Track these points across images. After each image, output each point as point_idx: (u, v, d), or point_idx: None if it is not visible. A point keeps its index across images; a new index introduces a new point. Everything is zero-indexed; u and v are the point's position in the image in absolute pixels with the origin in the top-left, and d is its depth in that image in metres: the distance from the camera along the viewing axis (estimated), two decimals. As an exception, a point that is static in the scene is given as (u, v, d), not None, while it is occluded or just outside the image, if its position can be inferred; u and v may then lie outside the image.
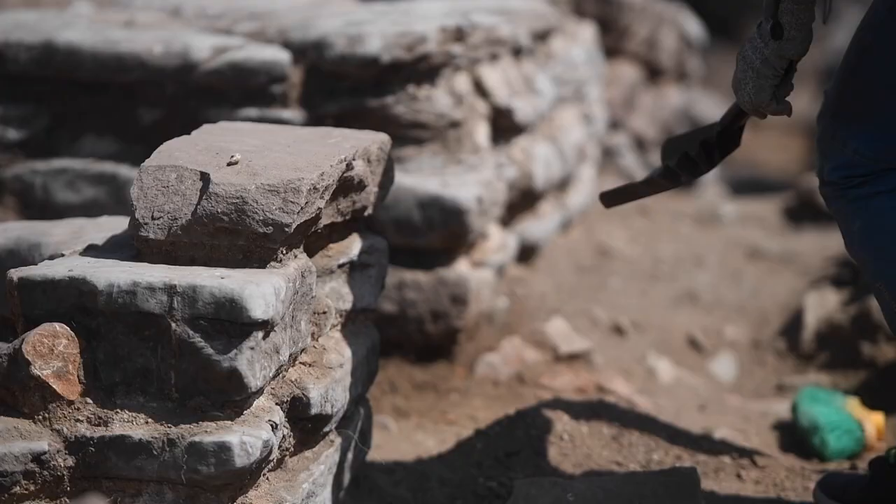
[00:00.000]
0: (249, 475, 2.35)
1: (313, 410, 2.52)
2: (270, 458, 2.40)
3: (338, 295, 2.74)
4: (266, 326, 2.33)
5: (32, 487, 2.32)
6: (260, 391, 2.38)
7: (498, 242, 4.02)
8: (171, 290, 2.30)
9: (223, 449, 2.29)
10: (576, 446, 3.13)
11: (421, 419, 3.51)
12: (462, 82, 3.92)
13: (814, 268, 4.57)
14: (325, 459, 2.61)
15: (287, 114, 3.71)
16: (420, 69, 3.77)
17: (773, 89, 2.66)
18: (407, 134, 3.77)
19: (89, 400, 2.34)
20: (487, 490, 2.93)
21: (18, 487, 2.31)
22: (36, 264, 2.44)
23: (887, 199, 2.64)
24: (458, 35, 3.87)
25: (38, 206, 3.82)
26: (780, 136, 9.08)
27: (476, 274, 3.84)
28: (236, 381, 2.31)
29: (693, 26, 6.57)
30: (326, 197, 2.52)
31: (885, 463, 2.82)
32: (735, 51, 9.73)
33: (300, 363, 2.58)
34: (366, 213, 2.81)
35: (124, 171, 3.79)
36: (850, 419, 3.39)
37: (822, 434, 3.35)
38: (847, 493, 2.86)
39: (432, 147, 3.82)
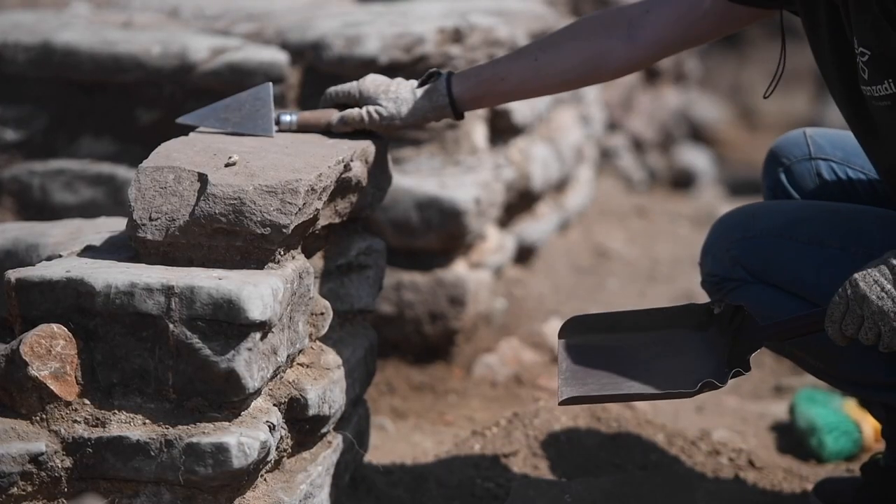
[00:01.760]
0: (247, 476, 2.35)
1: (311, 411, 2.52)
2: (268, 459, 2.40)
3: (336, 296, 2.74)
4: (264, 327, 2.33)
5: (30, 488, 2.32)
6: (257, 392, 2.38)
7: (496, 243, 4.03)
8: (168, 290, 2.30)
9: (221, 450, 2.29)
10: (573, 447, 3.13)
11: (419, 420, 3.51)
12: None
13: (811, 269, 4.57)
14: (322, 460, 2.61)
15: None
16: (418, 70, 3.77)
17: None
18: (405, 135, 3.77)
19: (87, 401, 2.34)
20: (485, 491, 2.93)
21: (16, 488, 2.31)
22: (34, 265, 2.43)
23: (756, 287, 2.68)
24: (456, 36, 3.87)
25: (35, 207, 3.82)
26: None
27: (474, 275, 3.84)
28: (234, 382, 2.31)
29: (691, 27, 6.56)
30: (324, 198, 2.52)
31: (875, 467, 2.82)
32: (733, 51, 9.70)
33: (298, 364, 2.57)
34: (363, 215, 2.81)
35: (122, 171, 3.79)
36: (847, 420, 3.39)
37: (820, 435, 3.35)
38: (841, 497, 2.86)
39: (430, 148, 3.82)
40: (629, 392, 2.43)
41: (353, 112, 2.70)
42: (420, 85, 2.71)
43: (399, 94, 2.70)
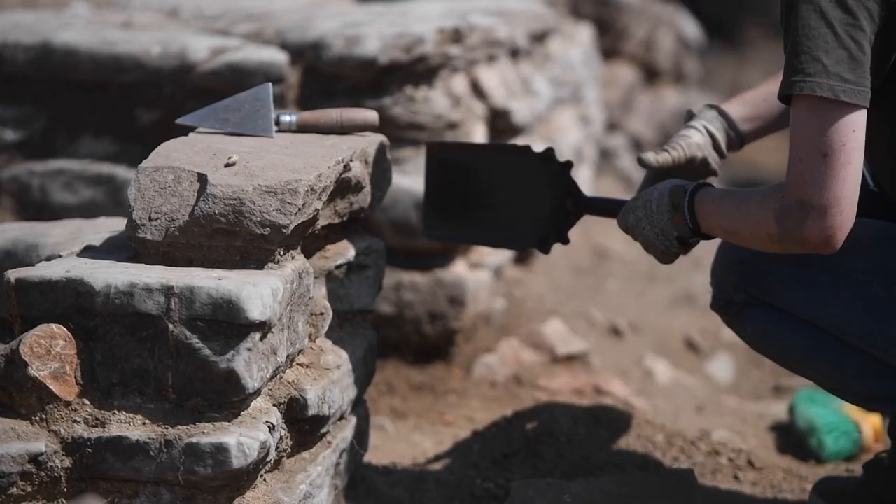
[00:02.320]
0: (246, 476, 2.35)
1: (311, 412, 2.52)
2: (268, 459, 2.40)
3: (335, 296, 2.74)
4: (263, 328, 2.33)
5: (29, 488, 2.32)
6: (257, 392, 2.38)
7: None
8: (168, 291, 2.30)
9: (220, 450, 2.29)
10: (573, 448, 3.13)
11: (418, 420, 3.51)
12: (460, 84, 3.92)
13: (811, 269, 4.57)
14: (322, 461, 2.61)
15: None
16: (418, 70, 3.77)
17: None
18: (405, 135, 3.77)
19: (86, 401, 2.34)
20: (485, 491, 2.93)
21: (15, 488, 2.31)
22: (33, 265, 2.44)
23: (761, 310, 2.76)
24: (456, 36, 3.87)
25: (35, 207, 3.82)
26: (777, 138, 9.10)
27: (473, 275, 3.84)
28: (233, 382, 2.31)
29: (690, 28, 6.57)
30: (324, 198, 2.52)
31: (879, 465, 2.83)
32: (732, 52, 9.70)
33: (297, 364, 2.57)
34: (363, 215, 2.81)
35: (122, 172, 3.79)
36: (847, 421, 3.39)
37: (820, 435, 3.35)
38: (843, 495, 2.87)
39: (430, 148, 3.82)
40: (477, 239, 3.14)
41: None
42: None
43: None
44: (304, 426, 2.54)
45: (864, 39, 2.43)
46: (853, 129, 2.41)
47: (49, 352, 2.32)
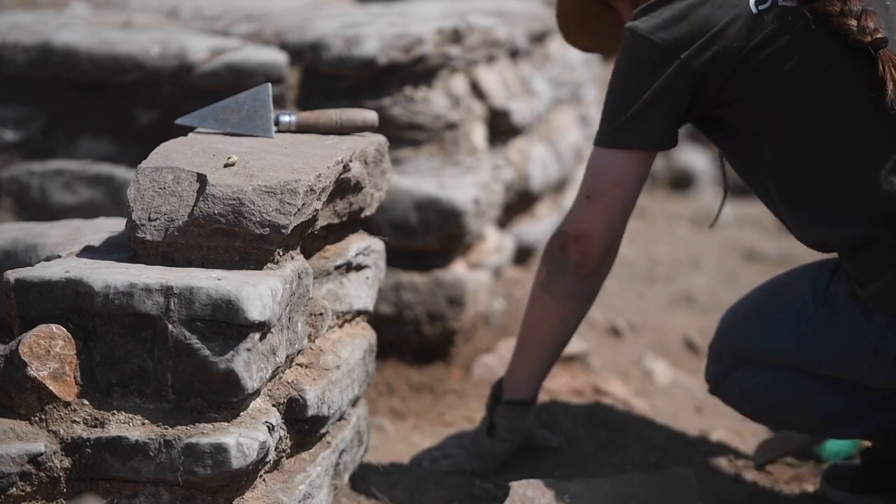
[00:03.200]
0: (246, 477, 2.35)
1: (310, 412, 2.52)
2: (267, 459, 2.40)
3: (334, 296, 2.74)
4: (263, 328, 2.32)
5: (29, 489, 2.32)
6: (256, 393, 2.38)
7: (495, 244, 4.03)
8: (167, 291, 2.30)
9: (220, 450, 2.28)
10: (572, 448, 3.13)
11: (418, 421, 3.51)
12: (459, 84, 3.92)
13: (810, 270, 4.57)
14: (321, 461, 2.61)
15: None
16: (417, 71, 3.77)
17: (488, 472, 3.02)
18: (404, 135, 3.77)
19: (86, 401, 2.34)
20: (484, 492, 2.92)
21: (15, 489, 2.31)
22: (33, 266, 2.43)
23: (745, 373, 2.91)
24: (455, 37, 3.87)
25: (34, 208, 3.82)
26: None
27: (473, 275, 3.84)
28: (233, 382, 2.31)
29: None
30: (323, 198, 2.52)
31: (873, 454, 2.98)
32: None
33: (297, 365, 2.57)
34: (363, 215, 2.81)
35: (121, 172, 3.79)
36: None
37: (819, 436, 3.35)
38: (848, 480, 3.01)
39: (429, 149, 3.82)
40: None
41: None
42: None
43: None
44: (303, 426, 2.54)
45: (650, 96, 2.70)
46: (617, 184, 2.76)
47: (48, 352, 2.32)
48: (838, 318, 2.75)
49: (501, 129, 4.10)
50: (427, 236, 3.73)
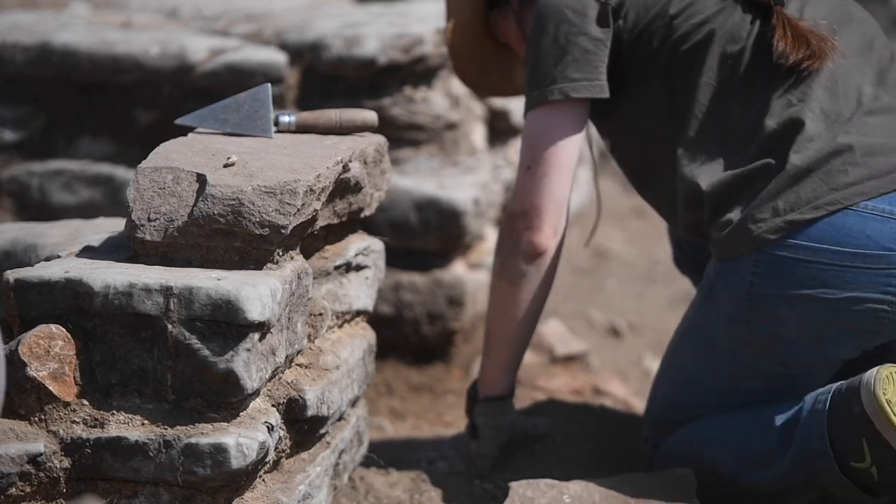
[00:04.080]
0: (245, 477, 2.35)
1: (309, 412, 2.52)
2: (266, 459, 2.40)
3: (334, 297, 2.74)
4: (262, 328, 2.33)
5: (28, 489, 2.32)
6: (256, 393, 2.38)
7: (494, 244, 4.02)
8: (167, 291, 2.30)
9: (219, 450, 2.29)
10: (572, 448, 3.12)
11: (417, 421, 3.51)
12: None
13: (810, 270, 4.56)
14: (321, 461, 2.61)
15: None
16: (417, 71, 3.77)
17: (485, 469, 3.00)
18: (403, 136, 3.77)
19: (85, 401, 2.34)
20: (483, 492, 2.92)
21: (14, 489, 2.31)
22: (32, 266, 2.43)
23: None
24: (455, 37, 3.87)
25: (34, 208, 3.82)
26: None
27: (472, 276, 3.84)
28: (232, 382, 2.31)
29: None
30: (323, 199, 2.52)
31: None
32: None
33: (296, 365, 2.58)
34: (362, 215, 2.81)
35: (121, 172, 3.79)
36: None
37: (819, 436, 3.34)
38: None
39: (429, 149, 3.82)
40: None
41: None
42: None
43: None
44: (302, 427, 2.54)
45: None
46: (554, 145, 2.75)
47: (48, 352, 2.32)
48: (715, 289, 2.74)
49: (501, 129, 4.10)
50: (427, 236, 3.73)
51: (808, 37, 2.71)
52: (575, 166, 2.81)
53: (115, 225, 2.73)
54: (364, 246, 2.83)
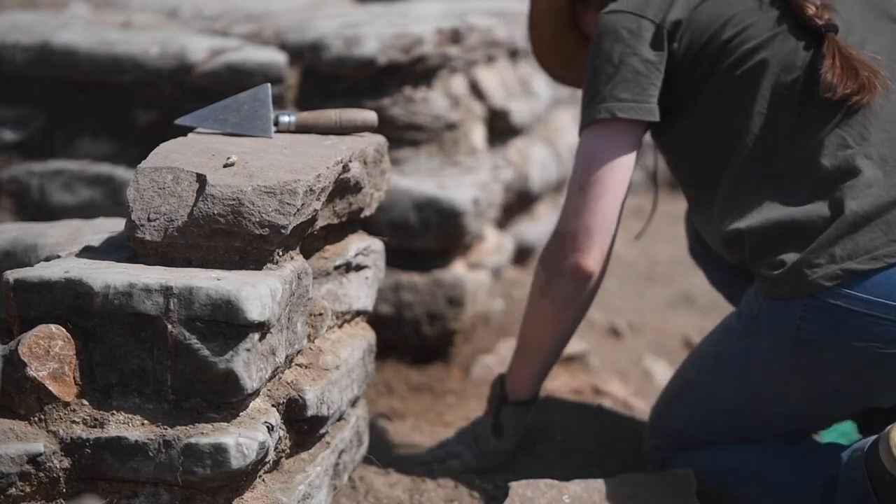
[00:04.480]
0: (245, 477, 2.35)
1: (309, 412, 2.52)
2: (266, 459, 2.40)
3: (334, 297, 2.74)
4: (262, 328, 2.33)
5: (28, 489, 2.32)
6: (256, 393, 2.38)
7: (494, 244, 4.03)
8: (167, 291, 2.30)
9: (219, 450, 2.29)
10: (572, 448, 3.13)
11: (417, 421, 3.51)
12: (458, 84, 3.92)
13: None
14: (321, 461, 2.61)
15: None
16: (416, 71, 3.77)
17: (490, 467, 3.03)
18: (403, 136, 3.77)
19: (85, 401, 2.34)
20: (483, 492, 2.92)
21: (14, 489, 2.31)
22: (32, 266, 2.43)
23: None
24: (455, 37, 3.87)
25: (34, 208, 3.82)
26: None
27: (472, 276, 3.84)
28: (232, 382, 2.31)
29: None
30: (323, 199, 2.52)
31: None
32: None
33: (296, 365, 2.58)
34: (362, 215, 2.81)
35: (120, 172, 3.79)
36: (845, 422, 3.39)
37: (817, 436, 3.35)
38: None
39: (429, 149, 3.82)
40: None
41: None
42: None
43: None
44: (302, 427, 2.54)
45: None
46: (609, 165, 2.73)
47: (48, 352, 2.32)
48: (759, 325, 2.72)
49: (501, 129, 4.10)
50: (426, 236, 3.73)
51: (858, 68, 2.65)
52: (627, 188, 2.78)
53: (115, 225, 2.73)
54: (364, 246, 2.83)
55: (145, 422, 2.32)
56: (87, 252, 2.51)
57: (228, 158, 2.48)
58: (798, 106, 2.69)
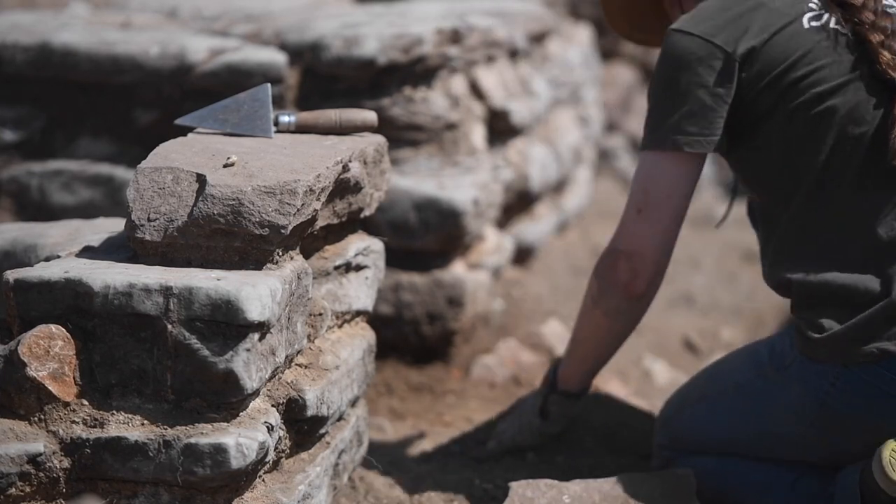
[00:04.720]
0: (245, 477, 2.35)
1: (309, 412, 2.52)
2: (266, 459, 2.40)
3: (334, 297, 2.74)
4: (262, 328, 2.33)
5: (28, 489, 2.32)
6: (256, 393, 2.38)
7: (494, 244, 4.03)
8: (167, 291, 2.30)
9: (219, 450, 2.29)
10: (572, 448, 3.13)
11: (417, 421, 3.51)
12: (458, 84, 3.92)
13: (810, 270, 4.57)
14: (321, 461, 2.61)
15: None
16: (416, 71, 3.77)
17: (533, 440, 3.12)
18: (403, 136, 3.77)
19: (85, 401, 2.34)
20: (483, 492, 2.93)
21: (14, 489, 2.31)
22: (32, 266, 2.43)
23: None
24: (455, 37, 3.87)
25: (34, 208, 3.82)
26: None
27: (472, 276, 3.84)
28: (232, 382, 2.31)
29: (689, 28, 6.56)
30: (323, 199, 2.52)
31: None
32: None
33: (296, 365, 2.58)
34: (362, 215, 2.81)
35: (120, 172, 3.79)
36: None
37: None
38: None
39: (428, 149, 3.82)
40: None
41: None
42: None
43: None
44: (302, 427, 2.54)
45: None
46: (669, 194, 2.72)
47: (48, 352, 2.32)
48: (789, 375, 2.73)
49: (501, 129, 4.10)
50: (426, 236, 3.73)
51: None
52: (684, 215, 2.77)
53: (115, 225, 2.73)
54: (364, 246, 2.83)
55: (145, 422, 2.32)
56: (87, 252, 2.51)
57: (228, 158, 2.48)
58: (862, 163, 2.64)
